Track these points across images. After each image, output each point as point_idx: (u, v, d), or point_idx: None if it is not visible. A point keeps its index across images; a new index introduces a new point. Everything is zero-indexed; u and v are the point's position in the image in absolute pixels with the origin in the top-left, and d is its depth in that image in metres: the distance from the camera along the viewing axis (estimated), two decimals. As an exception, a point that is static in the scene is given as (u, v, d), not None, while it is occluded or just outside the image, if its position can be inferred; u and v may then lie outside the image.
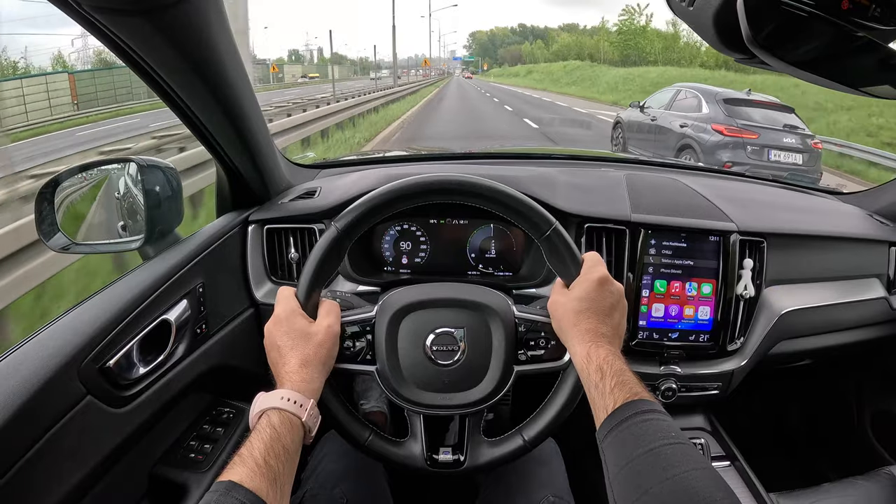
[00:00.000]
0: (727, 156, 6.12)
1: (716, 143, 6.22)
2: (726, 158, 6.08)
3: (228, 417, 1.07)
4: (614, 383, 0.67)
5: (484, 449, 0.87)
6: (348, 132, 11.26)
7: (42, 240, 0.94)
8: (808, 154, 6.24)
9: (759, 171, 5.54)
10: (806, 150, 6.24)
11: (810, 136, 6.41)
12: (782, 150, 6.19)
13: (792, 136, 6.26)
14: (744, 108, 6.56)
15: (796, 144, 6.22)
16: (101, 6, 0.62)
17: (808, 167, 6.22)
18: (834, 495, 1.08)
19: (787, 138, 6.23)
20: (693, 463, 0.57)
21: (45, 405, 0.68)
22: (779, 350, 1.23)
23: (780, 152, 6.17)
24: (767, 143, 6.13)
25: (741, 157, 6.09)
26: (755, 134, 6.14)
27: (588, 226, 1.14)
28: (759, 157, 6.10)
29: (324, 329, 0.78)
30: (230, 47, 0.81)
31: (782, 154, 6.17)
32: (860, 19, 0.51)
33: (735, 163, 5.95)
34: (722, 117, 6.39)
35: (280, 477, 0.62)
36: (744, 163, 5.95)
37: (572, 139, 11.98)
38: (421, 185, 0.82)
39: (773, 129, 6.26)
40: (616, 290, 0.79)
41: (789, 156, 6.19)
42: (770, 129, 6.25)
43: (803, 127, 6.49)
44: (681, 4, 0.59)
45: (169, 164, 1.00)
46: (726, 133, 6.19)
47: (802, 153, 6.22)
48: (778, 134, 6.24)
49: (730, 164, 5.83)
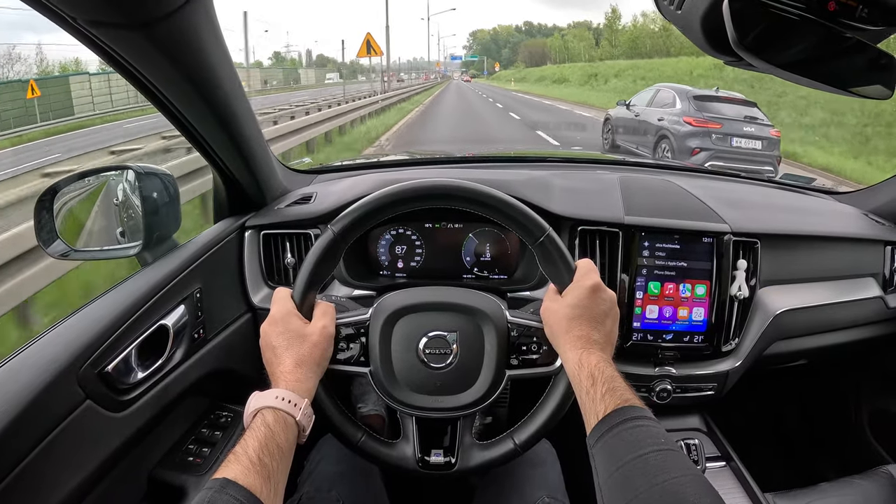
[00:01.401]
0: (696, 143, 7.27)
1: (686, 133, 7.39)
2: (695, 145, 7.25)
3: (226, 421, 1.07)
4: (605, 390, 0.68)
5: (475, 452, 0.87)
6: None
7: (41, 247, 0.95)
8: (766, 141, 7.40)
9: (723, 154, 7.13)
10: (764, 137, 7.38)
11: (769, 126, 7.59)
12: (743, 137, 7.33)
13: (752, 126, 7.41)
14: (711, 103, 7.76)
15: (756, 133, 7.37)
16: (96, 21, 0.62)
17: (767, 152, 7.36)
18: (831, 495, 1.08)
19: (748, 127, 7.38)
20: (682, 469, 0.58)
21: (44, 410, 0.68)
22: (774, 350, 1.23)
23: (741, 139, 7.32)
24: (729, 132, 7.27)
25: (707, 143, 7.23)
26: (719, 124, 7.31)
27: (582, 228, 1.15)
28: (722, 144, 7.27)
29: (319, 330, 0.79)
30: (223, 56, 0.82)
31: (743, 141, 7.32)
32: (847, 20, 0.52)
33: (702, 149, 7.20)
34: (692, 111, 7.55)
35: (274, 475, 0.63)
36: (710, 148, 7.17)
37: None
38: (417, 190, 0.83)
39: (735, 120, 7.41)
40: (608, 298, 0.80)
41: (749, 142, 7.34)
42: (732, 120, 7.41)
43: (763, 118, 7.68)
44: (669, 7, 0.60)
45: (166, 170, 1.01)
46: (695, 124, 7.35)
47: (761, 140, 7.39)
48: (739, 124, 7.37)
49: (697, 150, 7.21)
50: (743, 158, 7.17)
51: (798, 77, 0.56)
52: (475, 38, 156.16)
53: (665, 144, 7.71)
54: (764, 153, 7.36)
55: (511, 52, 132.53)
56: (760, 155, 7.33)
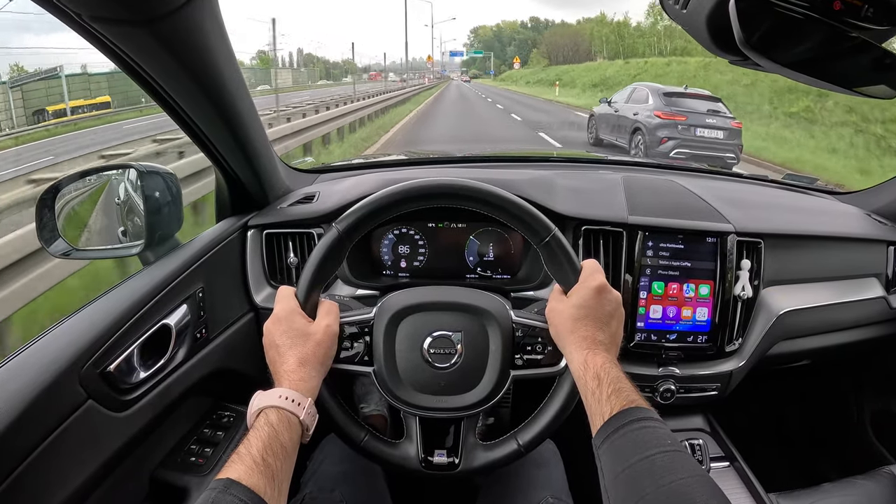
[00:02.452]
0: (664, 133, 8.32)
1: (656, 125, 8.43)
2: (663, 135, 8.31)
3: (229, 421, 1.07)
4: (611, 391, 0.68)
5: (479, 452, 0.87)
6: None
7: (43, 246, 0.95)
8: (727, 131, 8.38)
9: (689, 143, 8.19)
10: (726, 128, 8.39)
11: (731, 118, 8.61)
12: (706, 128, 8.33)
13: (714, 118, 8.40)
14: (679, 99, 8.79)
15: (718, 124, 8.36)
16: (100, 16, 0.62)
17: (729, 141, 8.37)
18: (834, 495, 1.08)
19: (710, 119, 8.37)
20: (689, 470, 0.58)
21: (46, 409, 0.68)
22: (777, 350, 1.23)
23: (704, 129, 8.31)
24: (694, 123, 8.30)
25: (674, 133, 8.26)
26: (684, 117, 8.35)
27: (585, 228, 1.14)
28: (687, 134, 8.27)
29: (322, 329, 0.78)
30: (227, 54, 0.81)
31: (706, 131, 8.31)
32: (853, 20, 0.52)
33: (670, 138, 8.25)
34: (661, 106, 8.57)
35: (278, 474, 0.62)
36: (676, 137, 8.22)
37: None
38: (422, 188, 0.83)
39: (699, 113, 8.43)
40: (614, 299, 0.80)
41: (712, 132, 8.32)
42: (696, 113, 8.42)
43: (725, 111, 8.68)
44: (675, 7, 0.60)
45: (168, 169, 1.01)
46: (663, 117, 8.40)
47: (723, 130, 8.36)
48: (703, 116, 8.38)
49: (665, 140, 8.26)
50: (706, 146, 8.20)
51: (803, 76, 0.56)
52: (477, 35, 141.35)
53: (639, 136, 8.72)
54: (725, 142, 8.32)
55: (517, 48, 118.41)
56: (722, 143, 8.29)
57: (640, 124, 8.71)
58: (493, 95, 34.68)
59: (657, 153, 8.14)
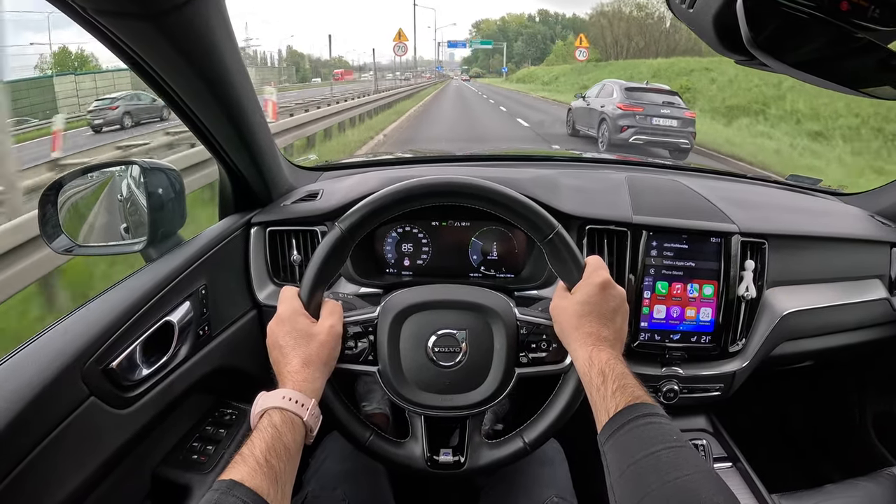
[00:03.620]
0: (625, 122, 9.49)
1: (618, 115, 9.60)
2: (623, 123, 9.48)
3: (231, 419, 1.07)
4: (616, 387, 0.68)
5: (484, 451, 0.87)
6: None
7: (45, 242, 0.94)
8: (681, 120, 9.59)
9: (646, 130, 9.41)
10: (679, 117, 9.60)
11: (685, 108, 10.02)
12: (661, 117, 9.52)
13: (668, 108, 9.64)
14: (639, 93, 10.16)
15: (672, 114, 9.58)
16: (105, 10, 0.62)
17: (682, 128, 9.53)
18: (836, 496, 1.07)
19: (665, 109, 9.61)
20: (695, 466, 0.58)
21: (48, 406, 0.68)
22: (781, 351, 1.23)
23: (659, 119, 9.51)
24: (650, 113, 9.51)
25: (633, 122, 9.48)
26: (641, 108, 9.56)
27: (589, 227, 1.14)
28: (644, 122, 9.46)
29: (326, 329, 0.78)
30: (233, 50, 0.81)
31: (661, 120, 9.51)
32: (859, 20, 0.51)
33: (629, 126, 9.43)
34: (623, 99, 9.81)
35: (281, 476, 0.62)
36: (635, 125, 9.43)
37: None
38: (425, 186, 0.82)
39: (655, 104, 9.68)
40: (618, 295, 0.79)
41: (667, 121, 9.52)
42: (653, 104, 9.68)
43: (680, 103, 10.01)
44: (681, 6, 0.60)
45: (172, 166, 1.01)
46: (623, 108, 9.61)
47: (676, 119, 9.57)
48: (658, 107, 9.62)
49: (625, 128, 9.43)
50: (662, 133, 9.47)
51: (809, 76, 0.55)
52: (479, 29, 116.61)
53: (604, 126, 9.99)
54: (679, 129, 9.53)
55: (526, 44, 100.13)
56: (676, 131, 9.51)
57: (606, 115, 9.96)
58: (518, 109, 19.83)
59: (618, 139, 9.46)
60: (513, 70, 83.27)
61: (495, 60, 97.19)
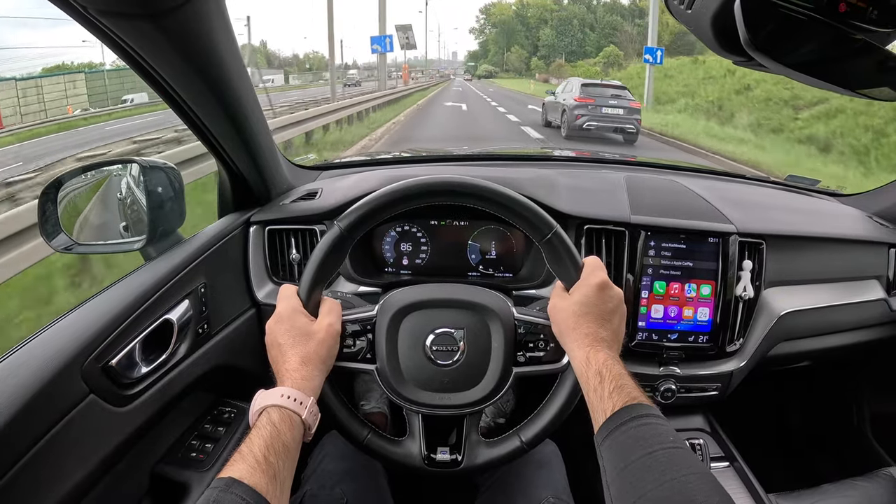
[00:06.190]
0: (579, 111, 11.43)
1: (574, 106, 11.55)
2: (578, 112, 11.41)
3: (230, 417, 1.07)
4: (613, 387, 0.68)
5: (481, 449, 0.87)
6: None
7: (45, 240, 0.94)
8: (626, 109, 11.51)
9: (597, 117, 11.35)
10: (625, 106, 11.53)
11: (631, 99, 11.83)
12: (609, 107, 11.45)
13: (616, 100, 11.57)
14: (592, 87, 12.09)
15: (619, 104, 11.53)
16: (106, 10, 0.62)
17: (628, 116, 11.48)
18: (833, 496, 1.08)
19: (613, 101, 11.55)
20: (690, 467, 0.58)
21: (47, 404, 0.68)
22: (778, 351, 1.23)
23: (608, 108, 11.44)
24: (599, 104, 11.43)
25: (586, 111, 11.39)
26: (593, 99, 11.50)
27: (588, 227, 1.14)
28: (595, 111, 11.39)
29: (325, 327, 0.78)
30: (233, 50, 0.81)
31: (610, 109, 11.44)
32: (857, 22, 0.52)
33: (582, 114, 11.39)
34: (579, 93, 11.72)
35: (280, 473, 0.62)
36: (587, 114, 11.38)
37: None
38: (424, 186, 0.82)
39: (604, 97, 11.60)
40: (616, 295, 0.80)
41: (615, 110, 11.46)
42: (603, 97, 11.58)
43: (627, 95, 11.88)
44: (679, 7, 0.60)
45: (171, 164, 1.01)
46: (578, 100, 11.53)
47: (623, 109, 11.50)
48: (607, 99, 11.55)
49: (580, 116, 11.38)
50: (610, 119, 11.39)
51: (807, 77, 0.56)
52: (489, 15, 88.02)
53: (565, 116, 11.95)
54: (626, 117, 11.45)
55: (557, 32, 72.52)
56: (623, 118, 11.43)
57: (565, 107, 12.02)
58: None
59: (575, 125, 11.34)
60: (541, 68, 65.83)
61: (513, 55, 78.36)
